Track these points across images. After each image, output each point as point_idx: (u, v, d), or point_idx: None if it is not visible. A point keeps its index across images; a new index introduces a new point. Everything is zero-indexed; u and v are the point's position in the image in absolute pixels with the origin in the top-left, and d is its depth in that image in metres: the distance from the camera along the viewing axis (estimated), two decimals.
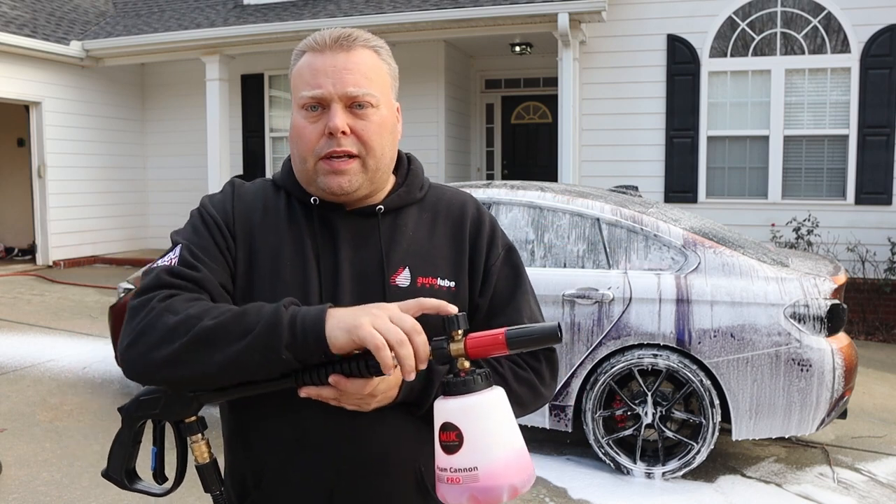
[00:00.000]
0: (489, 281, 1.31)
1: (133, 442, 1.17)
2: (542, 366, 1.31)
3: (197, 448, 1.14)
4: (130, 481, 1.19)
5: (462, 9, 8.18)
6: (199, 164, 10.41)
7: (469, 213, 1.34)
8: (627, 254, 4.04)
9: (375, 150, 1.23)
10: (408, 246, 1.28)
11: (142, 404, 1.14)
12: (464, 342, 1.04)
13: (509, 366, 1.27)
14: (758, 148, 8.24)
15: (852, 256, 7.68)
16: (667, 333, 3.86)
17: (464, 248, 1.31)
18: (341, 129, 1.19)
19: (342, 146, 1.20)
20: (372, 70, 1.23)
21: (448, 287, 1.27)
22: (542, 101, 10.72)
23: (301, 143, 1.24)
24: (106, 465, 1.18)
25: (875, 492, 3.81)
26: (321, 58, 1.23)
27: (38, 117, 9.70)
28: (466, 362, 1.04)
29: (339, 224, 1.27)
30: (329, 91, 1.20)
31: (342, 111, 1.20)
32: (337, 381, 1.07)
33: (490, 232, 1.34)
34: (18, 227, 11.18)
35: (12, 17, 9.64)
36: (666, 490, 3.81)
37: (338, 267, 1.25)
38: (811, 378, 3.73)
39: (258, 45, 9.29)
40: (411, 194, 1.32)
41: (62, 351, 6.09)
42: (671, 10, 8.35)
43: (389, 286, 1.24)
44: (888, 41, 7.74)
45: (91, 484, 3.76)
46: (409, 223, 1.30)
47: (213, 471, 1.15)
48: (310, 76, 1.23)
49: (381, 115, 1.24)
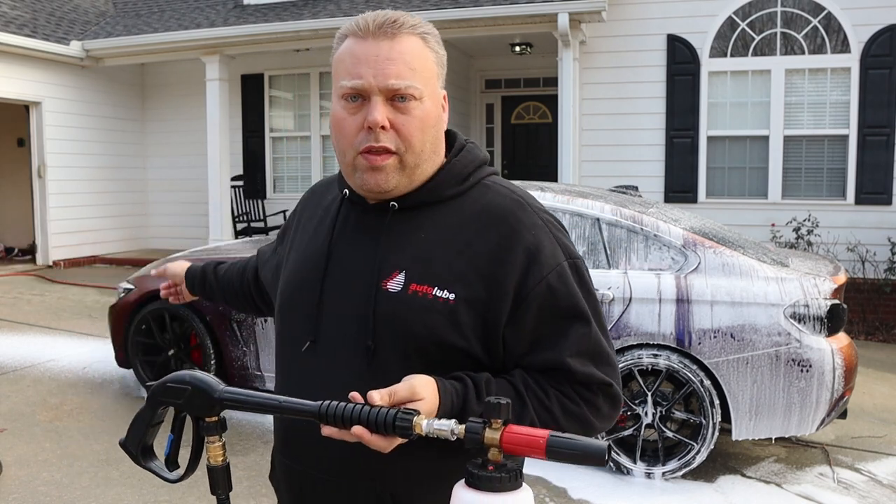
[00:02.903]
0: (523, 309, 1.14)
1: (153, 422, 1.17)
2: (598, 399, 1.16)
3: (212, 449, 1.13)
4: (144, 458, 1.18)
5: (462, 9, 8.18)
6: (199, 164, 10.41)
7: (502, 223, 1.17)
8: (627, 254, 4.04)
9: (415, 147, 1.15)
10: (415, 249, 1.18)
11: (168, 390, 1.13)
12: (501, 433, 0.93)
13: (558, 398, 1.14)
14: (758, 148, 8.24)
15: (852, 256, 7.68)
16: (667, 333, 3.86)
17: (477, 261, 1.15)
18: (380, 124, 1.12)
19: (380, 142, 1.13)
20: (417, 59, 1.15)
21: (445, 299, 1.13)
22: (542, 101, 10.73)
23: (340, 135, 1.17)
24: (125, 435, 1.19)
25: (875, 492, 3.81)
26: (363, 45, 1.14)
27: (38, 117, 9.70)
28: (499, 454, 0.93)
29: (357, 218, 1.24)
30: (369, 82, 1.12)
31: (382, 104, 1.13)
32: (360, 435, 1.01)
33: (530, 249, 1.15)
34: (18, 227, 11.18)
35: (12, 17, 9.64)
36: (666, 490, 3.81)
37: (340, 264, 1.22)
38: (811, 378, 3.73)
39: (258, 45, 9.29)
40: (437, 192, 1.20)
41: (62, 351, 6.09)
42: (671, 10, 8.35)
43: (379, 290, 1.16)
44: (888, 41, 7.74)
45: (91, 484, 3.76)
46: (427, 224, 1.19)
47: (224, 475, 1.14)
48: (350, 64, 1.14)
49: (423, 108, 1.16)
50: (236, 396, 1.10)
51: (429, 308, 1.14)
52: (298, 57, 10.21)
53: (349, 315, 1.19)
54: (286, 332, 1.29)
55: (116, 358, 5.13)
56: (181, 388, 1.12)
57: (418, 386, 1.05)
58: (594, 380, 1.16)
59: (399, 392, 1.03)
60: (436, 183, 1.21)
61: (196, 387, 1.11)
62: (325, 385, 1.18)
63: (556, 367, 1.15)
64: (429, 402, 1.05)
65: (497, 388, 1.14)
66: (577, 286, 1.17)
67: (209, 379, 1.12)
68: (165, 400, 1.14)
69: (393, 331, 1.15)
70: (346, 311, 1.20)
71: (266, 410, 1.08)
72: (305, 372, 1.23)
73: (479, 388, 1.12)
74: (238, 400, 1.10)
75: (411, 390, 1.04)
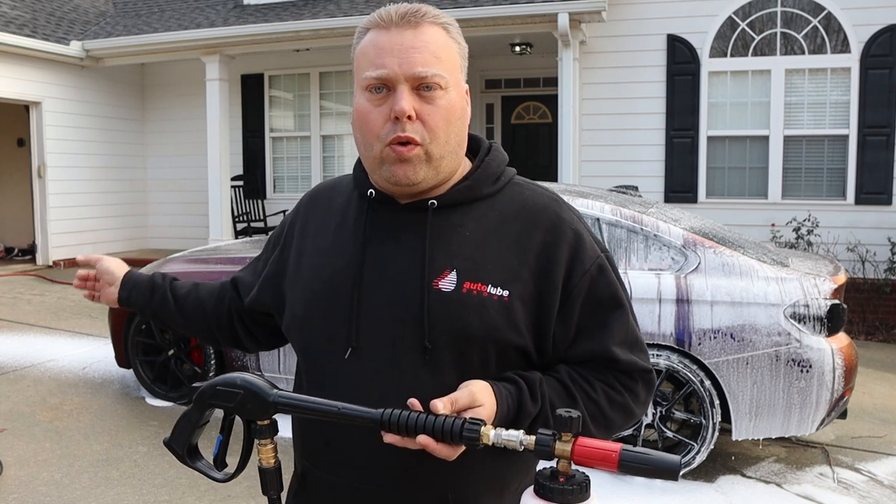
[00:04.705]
0: (570, 303, 1.16)
1: (199, 423, 1.17)
2: (637, 386, 1.20)
3: (264, 451, 1.13)
4: (191, 458, 1.19)
5: (462, 9, 8.18)
6: (199, 164, 10.41)
7: (545, 219, 1.19)
8: (627, 254, 4.04)
9: (440, 138, 1.13)
10: (459, 247, 1.16)
11: (217, 393, 1.12)
12: (572, 445, 0.94)
13: (603, 389, 1.17)
14: (758, 148, 8.24)
15: (852, 256, 7.68)
16: (667, 333, 3.86)
17: (526, 257, 1.16)
18: (407, 113, 1.10)
19: (406, 132, 1.11)
20: (441, 49, 1.14)
21: (500, 296, 1.13)
22: (542, 101, 10.72)
23: (365, 128, 1.15)
24: (169, 434, 1.19)
25: (875, 492, 3.81)
26: (387, 35, 1.13)
27: (38, 117, 9.70)
28: (569, 466, 0.94)
29: (389, 219, 1.20)
30: (395, 71, 1.11)
31: (409, 93, 1.11)
32: (426, 444, 1.00)
33: (573, 244, 1.18)
34: (18, 227, 11.18)
35: (12, 17, 9.64)
36: (666, 490, 3.81)
37: (380, 266, 1.18)
38: (811, 378, 3.73)
39: (258, 45, 9.29)
40: (475, 190, 1.20)
41: (62, 351, 6.09)
42: (671, 10, 8.35)
43: (430, 290, 1.14)
44: (888, 41, 7.74)
45: (91, 484, 3.76)
46: (466, 222, 1.18)
47: (276, 476, 1.14)
48: (374, 55, 1.13)
49: (449, 98, 1.14)
50: (290, 401, 1.09)
51: (485, 306, 1.13)
52: (298, 57, 10.22)
53: (396, 318, 1.16)
54: (313, 342, 1.23)
55: (116, 358, 5.13)
56: (233, 391, 1.11)
57: (477, 392, 1.05)
58: (636, 367, 1.19)
59: (460, 400, 1.03)
60: (474, 181, 1.20)
61: (249, 390, 1.11)
62: (372, 391, 1.14)
63: (601, 357, 1.17)
64: (487, 407, 1.06)
65: (548, 387, 1.15)
66: (612, 280, 1.21)
67: (261, 382, 1.11)
68: (215, 402, 1.13)
69: (449, 330, 1.13)
70: (392, 313, 1.16)
71: (322, 416, 1.07)
72: (347, 380, 1.18)
73: (532, 389, 1.13)
74: (292, 404, 1.09)
75: (471, 397, 1.04)
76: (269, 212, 10.61)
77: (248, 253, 5.12)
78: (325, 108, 10.57)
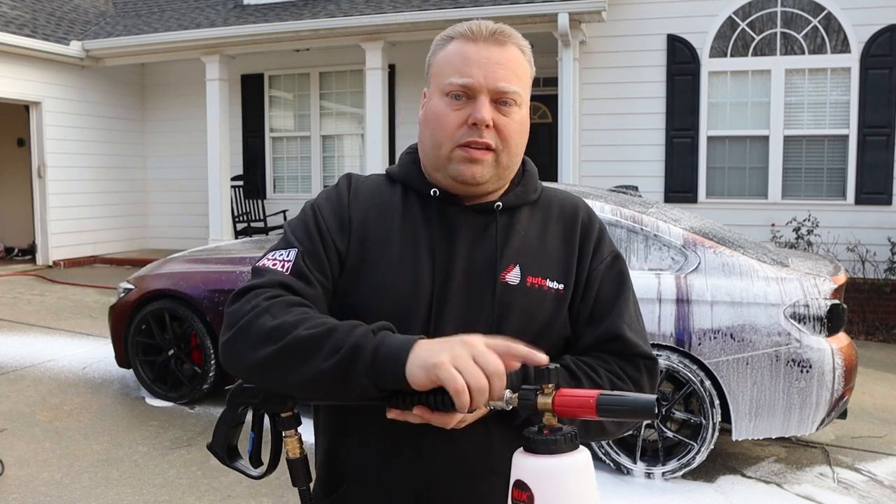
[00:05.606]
0: (591, 286, 1.28)
1: (235, 423, 1.21)
2: (642, 376, 1.24)
3: (290, 442, 1.16)
4: (231, 458, 1.22)
5: (462, 9, 8.18)
6: (199, 164, 10.41)
7: (580, 216, 1.32)
8: (627, 254, 4.04)
9: (511, 148, 1.23)
10: (520, 245, 1.27)
11: (244, 391, 1.17)
12: (552, 397, 0.97)
13: (608, 377, 1.21)
14: (758, 148, 8.25)
15: (852, 256, 7.68)
16: (667, 333, 3.86)
17: (573, 251, 1.29)
18: (487, 122, 1.18)
19: (483, 138, 1.19)
20: (520, 68, 1.24)
21: (557, 289, 1.25)
22: (542, 101, 10.72)
23: (440, 128, 1.22)
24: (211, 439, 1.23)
25: (875, 492, 3.81)
26: (475, 48, 1.22)
27: (38, 117, 9.71)
28: (553, 418, 0.97)
29: (456, 218, 1.26)
30: (479, 82, 1.19)
31: (489, 104, 1.20)
32: (421, 413, 1.06)
33: (598, 237, 1.32)
34: (18, 227, 11.18)
35: (12, 17, 9.65)
36: (666, 490, 3.81)
37: (452, 261, 1.23)
38: (811, 378, 3.73)
39: (258, 45, 9.29)
40: (527, 195, 1.31)
41: (62, 351, 6.09)
42: (671, 10, 8.36)
43: (499, 283, 1.22)
44: (888, 41, 7.74)
45: (91, 484, 3.76)
46: (522, 222, 1.29)
47: (303, 467, 1.17)
48: (460, 64, 1.21)
49: (521, 114, 1.24)
50: None
51: (545, 298, 1.23)
52: (298, 57, 10.22)
53: (467, 309, 1.22)
54: None
55: (116, 358, 5.13)
56: (256, 387, 1.15)
57: None
58: (641, 349, 1.25)
59: None
60: (524, 187, 1.31)
61: None
62: None
63: (612, 336, 1.24)
64: None
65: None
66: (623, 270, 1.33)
67: None
68: (243, 400, 1.17)
69: (516, 320, 1.21)
70: (464, 305, 1.22)
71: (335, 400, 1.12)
72: None
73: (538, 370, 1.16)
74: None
75: None
76: (269, 212, 10.61)
77: (248, 253, 5.12)
78: (324, 108, 10.57)
